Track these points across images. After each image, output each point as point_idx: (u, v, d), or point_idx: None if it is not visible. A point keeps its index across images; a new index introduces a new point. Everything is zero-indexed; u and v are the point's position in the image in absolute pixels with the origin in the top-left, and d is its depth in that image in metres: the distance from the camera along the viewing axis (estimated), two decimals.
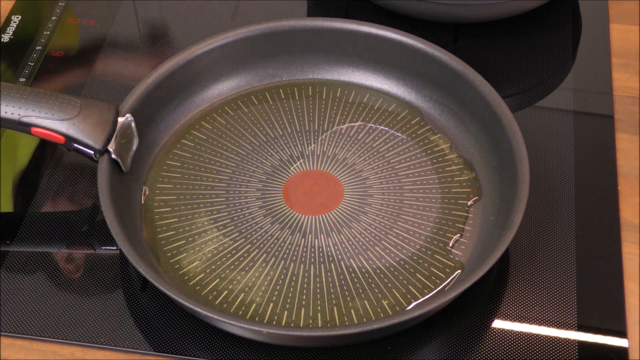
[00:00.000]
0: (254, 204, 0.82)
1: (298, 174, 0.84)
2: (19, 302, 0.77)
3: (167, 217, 0.81)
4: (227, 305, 0.75)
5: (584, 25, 0.99)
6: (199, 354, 0.74)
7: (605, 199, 0.83)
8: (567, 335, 0.75)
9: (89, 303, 0.77)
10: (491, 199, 0.81)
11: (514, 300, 0.77)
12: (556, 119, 0.90)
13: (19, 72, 0.94)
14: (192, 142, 0.86)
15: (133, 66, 0.96)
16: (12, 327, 0.75)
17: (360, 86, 0.90)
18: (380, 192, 0.82)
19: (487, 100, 0.82)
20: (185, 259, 0.78)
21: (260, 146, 0.86)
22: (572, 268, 0.78)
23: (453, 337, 0.75)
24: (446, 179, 0.83)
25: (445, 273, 0.77)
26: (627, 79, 0.93)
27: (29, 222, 0.82)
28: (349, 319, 0.74)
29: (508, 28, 0.98)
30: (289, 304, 0.75)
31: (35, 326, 0.76)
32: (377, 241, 0.79)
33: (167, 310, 0.76)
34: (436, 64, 0.86)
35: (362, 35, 0.88)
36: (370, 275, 0.77)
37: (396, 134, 0.87)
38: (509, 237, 0.72)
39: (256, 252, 0.78)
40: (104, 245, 0.81)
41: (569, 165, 0.85)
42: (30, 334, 0.75)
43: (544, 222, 0.82)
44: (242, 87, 0.90)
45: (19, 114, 0.76)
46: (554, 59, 0.96)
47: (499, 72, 0.94)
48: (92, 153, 0.77)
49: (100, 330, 0.75)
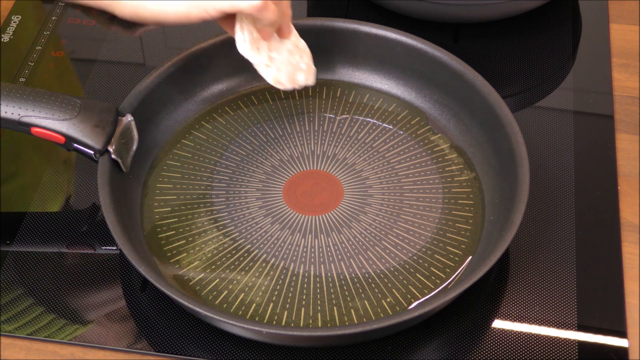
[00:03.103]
0: (254, 204, 0.82)
1: (298, 174, 0.84)
2: (19, 302, 0.77)
3: (167, 217, 0.81)
4: (227, 305, 0.75)
5: (584, 25, 0.99)
6: (199, 354, 0.74)
7: (605, 199, 0.83)
8: (567, 335, 0.75)
9: (89, 303, 0.77)
10: (491, 199, 0.81)
11: (514, 300, 0.77)
12: (556, 119, 0.90)
13: (19, 72, 0.94)
14: (192, 142, 0.86)
15: (133, 66, 0.96)
16: (12, 327, 0.75)
17: (360, 86, 0.90)
18: (380, 192, 0.82)
19: (487, 100, 0.82)
20: (185, 259, 0.78)
21: (260, 146, 0.86)
22: (572, 268, 0.78)
23: (453, 337, 0.75)
24: (446, 179, 0.83)
25: (445, 273, 0.77)
26: (627, 79, 0.93)
27: (29, 222, 0.82)
28: (349, 319, 0.74)
29: (508, 28, 0.98)
30: (289, 304, 0.75)
31: (36, 326, 0.76)
32: (377, 241, 0.79)
33: (167, 310, 0.76)
34: (436, 64, 0.86)
35: (362, 35, 0.88)
36: (370, 275, 0.77)
37: (396, 134, 0.87)
38: (509, 237, 0.72)
39: (256, 252, 0.78)
40: (104, 245, 0.81)
41: (569, 165, 0.85)
42: (30, 334, 0.75)
43: (544, 222, 0.82)
44: (242, 87, 0.90)
45: (19, 114, 0.76)
46: (554, 59, 0.96)
47: (499, 72, 0.94)
48: (92, 153, 0.77)
49: (100, 330, 0.75)
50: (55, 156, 0.87)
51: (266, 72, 0.81)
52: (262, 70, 0.81)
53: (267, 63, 0.81)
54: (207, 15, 0.76)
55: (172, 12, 0.76)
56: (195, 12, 0.76)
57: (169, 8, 0.76)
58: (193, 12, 0.76)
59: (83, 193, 0.84)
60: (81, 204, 0.84)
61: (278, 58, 0.82)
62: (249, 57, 0.80)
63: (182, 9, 0.76)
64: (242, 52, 0.80)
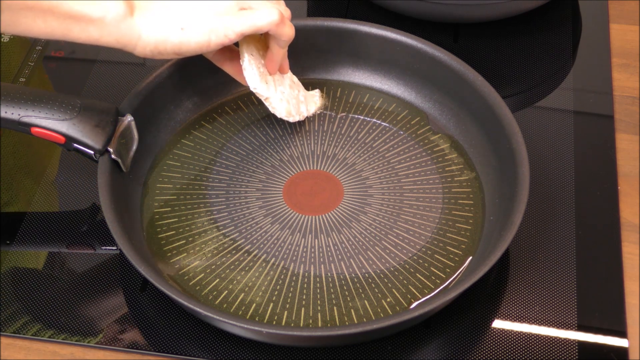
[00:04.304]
0: (254, 204, 0.82)
1: (298, 174, 0.84)
2: (19, 302, 0.77)
3: (167, 217, 0.81)
4: (227, 305, 0.75)
5: (584, 25, 0.99)
6: (199, 354, 0.74)
7: (605, 199, 0.83)
8: (567, 335, 0.75)
9: (89, 303, 0.77)
10: (491, 199, 0.81)
11: (514, 300, 0.77)
12: (556, 119, 0.90)
13: (19, 72, 0.94)
14: (192, 142, 0.86)
15: (133, 66, 0.96)
16: (12, 327, 0.75)
17: (360, 86, 0.90)
18: (380, 192, 0.82)
19: (487, 100, 0.82)
20: (185, 259, 0.78)
21: (260, 146, 0.86)
22: (572, 268, 0.78)
23: (453, 337, 0.75)
24: (446, 179, 0.83)
25: (446, 273, 0.77)
26: (627, 79, 0.93)
27: (29, 222, 0.82)
28: (349, 319, 0.74)
29: (508, 28, 0.98)
30: (289, 304, 0.75)
31: (35, 326, 0.76)
32: (377, 241, 0.79)
33: (167, 310, 0.76)
34: (436, 64, 0.86)
35: (362, 35, 0.88)
36: (370, 275, 0.77)
37: (396, 134, 0.87)
38: (509, 237, 0.72)
39: (256, 252, 0.78)
40: (104, 245, 0.81)
41: (569, 165, 0.85)
42: (30, 334, 0.75)
43: (544, 222, 0.82)
44: (242, 87, 0.90)
45: (19, 114, 0.76)
46: (554, 59, 0.96)
47: (499, 72, 0.94)
48: (92, 153, 0.77)
49: (100, 331, 0.75)
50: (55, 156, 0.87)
51: (280, 105, 0.82)
52: (276, 104, 0.82)
53: (281, 97, 0.81)
54: (227, 40, 0.75)
55: (194, 42, 0.75)
56: (215, 39, 0.75)
57: (191, 38, 0.74)
58: (213, 39, 0.75)
59: (83, 193, 0.84)
60: (81, 204, 0.84)
61: (287, 92, 0.82)
62: (261, 92, 0.80)
63: (204, 38, 0.75)
64: (254, 86, 0.80)
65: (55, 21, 0.71)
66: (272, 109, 0.83)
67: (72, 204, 0.84)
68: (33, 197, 0.84)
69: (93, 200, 0.84)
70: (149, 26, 0.74)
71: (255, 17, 0.75)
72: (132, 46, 0.74)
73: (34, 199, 0.84)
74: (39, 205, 0.84)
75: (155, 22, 0.74)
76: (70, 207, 0.84)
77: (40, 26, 0.71)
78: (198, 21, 0.74)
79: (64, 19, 0.71)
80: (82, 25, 0.72)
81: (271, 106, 0.82)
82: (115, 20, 0.72)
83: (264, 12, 0.75)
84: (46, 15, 0.71)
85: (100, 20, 0.72)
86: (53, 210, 0.84)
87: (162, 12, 0.74)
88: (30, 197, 0.84)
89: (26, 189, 0.85)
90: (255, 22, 0.75)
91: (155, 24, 0.74)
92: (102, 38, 0.73)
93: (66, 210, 0.84)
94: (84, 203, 0.84)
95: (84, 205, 0.84)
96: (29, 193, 0.85)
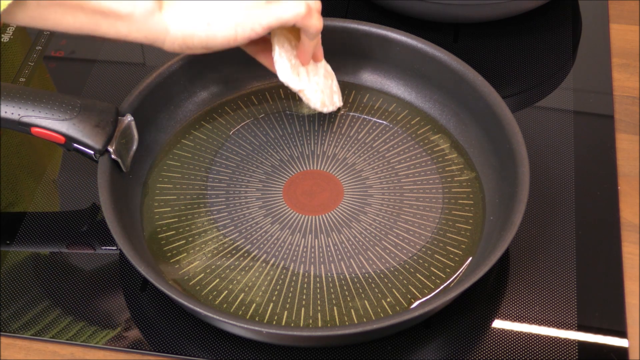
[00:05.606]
0: (254, 204, 0.82)
1: (298, 174, 0.84)
2: (19, 302, 0.77)
3: (167, 217, 0.81)
4: (227, 305, 0.75)
5: (584, 25, 0.99)
6: (199, 354, 0.74)
7: (605, 199, 0.83)
8: (567, 335, 0.75)
9: (89, 303, 0.77)
10: (491, 199, 0.81)
11: (514, 300, 0.77)
12: (556, 119, 0.90)
13: (19, 72, 0.94)
14: (192, 142, 0.86)
15: (133, 66, 0.96)
16: (12, 327, 0.76)
17: (360, 86, 0.90)
18: (380, 192, 0.82)
19: (487, 100, 0.82)
20: (185, 259, 0.78)
21: (260, 146, 0.86)
22: (572, 268, 0.78)
23: (453, 337, 0.75)
24: (446, 179, 0.83)
25: (446, 273, 0.77)
26: (627, 79, 0.93)
27: (29, 222, 0.82)
28: (349, 319, 0.74)
29: (508, 28, 0.98)
30: (289, 304, 0.75)
31: (35, 326, 0.76)
32: (377, 241, 0.79)
33: (167, 310, 0.76)
34: (436, 64, 0.86)
35: (363, 35, 0.88)
36: (370, 275, 0.77)
37: (396, 134, 0.87)
38: (509, 237, 0.72)
39: (256, 252, 0.78)
40: (104, 245, 0.81)
41: (569, 165, 0.85)
42: (30, 334, 0.75)
43: (544, 222, 0.82)
44: (242, 87, 0.90)
45: (19, 114, 0.76)
46: (554, 59, 0.96)
47: (499, 72, 0.94)
48: (92, 153, 0.77)
49: (100, 331, 0.75)
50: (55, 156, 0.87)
51: (315, 96, 0.82)
52: (310, 95, 0.82)
53: (315, 88, 0.81)
54: (254, 34, 0.75)
55: (221, 36, 0.74)
56: (242, 33, 0.75)
57: (217, 32, 0.74)
58: (240, 33, 0.75)
59: (83, 193, 0.84)
60: (81, 204, 0.84)
61: (321, 82, 0.83)
62: (292, 84, 0.80)
63: (231, 32, 0.74)
64: (285, 79, 0.80)
65: (85, 17, 0.71)
66: (306, 100, 0.82)
67: (73, 203, 0.84)
68: (33, 197, 0.84)
69: (93, 200, 0.84)
70: (176, 22, 0.74)
71: (281, 10, 0.75)
72: (160, 42, 0.75)
73: (34, 199, 0.84)
74: (39, 205, 0.84)
75: (182, 17, 0.74)
76: (71, 207, 0.84)
77: (69, 21, 0.72)
78: (224, 16, 0.74)
79: (93, 15, 0.71)
80: (110, 20, 0.72)
81: (305, 97, 0.82)
82: (144, 16, 0.72)
83: (290, 4, 0.75)
84: (75, 11, 0.71)
85: (129, 16, 0.72)
86: (53, 210, 0.84)
87: (190, 8, 0.74)
88: (31, 197, 0.84)
89: (29, 189, 0.85)
90: (282, 15, 0.75)
91: (182, 19, 0.74)
92: (131, 34, 0.73)
93: (66, 210, 0.84)
94: (84, 203, 0.84)
95: (84, 205, 0.84)
96: (30, 193, 0.85)
